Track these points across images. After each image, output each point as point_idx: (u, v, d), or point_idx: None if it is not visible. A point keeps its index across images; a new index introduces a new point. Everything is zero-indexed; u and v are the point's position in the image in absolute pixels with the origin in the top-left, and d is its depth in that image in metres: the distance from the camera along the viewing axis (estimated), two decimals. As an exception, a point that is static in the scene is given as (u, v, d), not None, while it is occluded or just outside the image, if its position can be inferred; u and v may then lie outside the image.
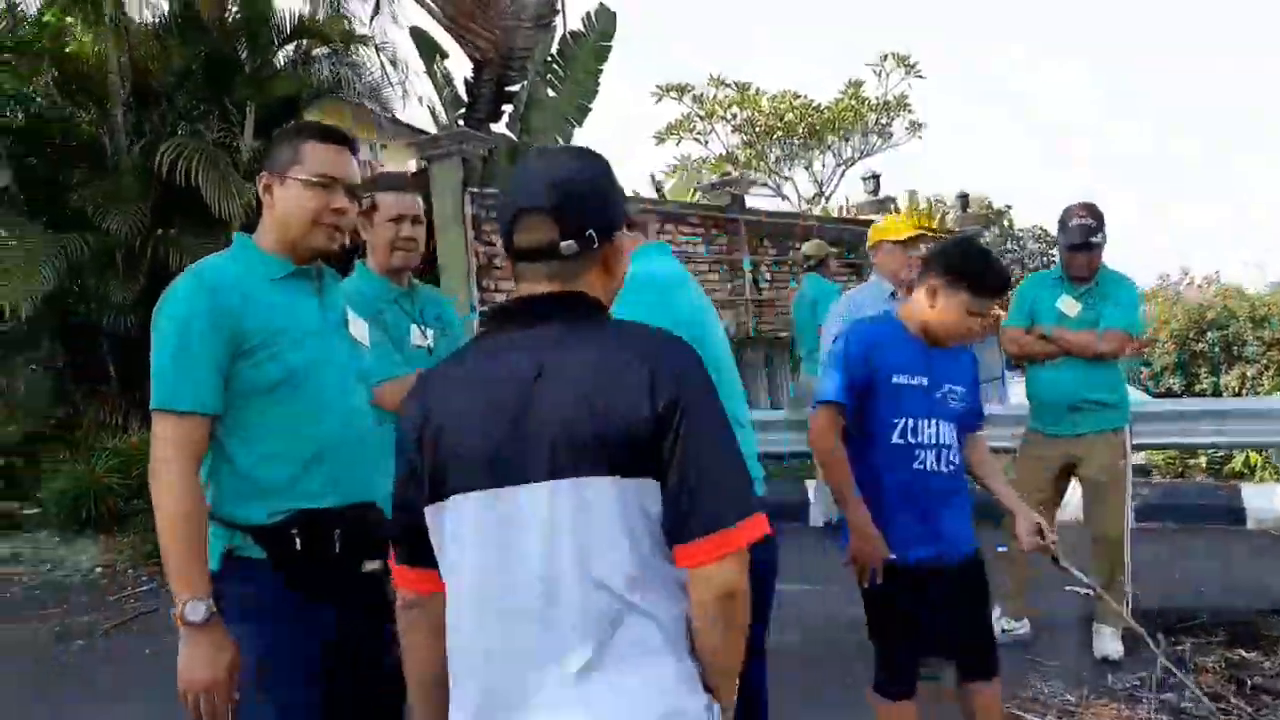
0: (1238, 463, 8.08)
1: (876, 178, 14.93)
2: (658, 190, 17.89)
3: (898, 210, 15.53)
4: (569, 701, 1.33)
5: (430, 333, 3.08)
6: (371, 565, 2.11)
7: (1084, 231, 4.02)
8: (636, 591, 1.34)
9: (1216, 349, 29.27)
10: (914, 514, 2.73)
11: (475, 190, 7.79)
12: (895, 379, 2.72)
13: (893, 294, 4.22)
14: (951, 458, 2.79)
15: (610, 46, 9.25)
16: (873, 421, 2.74)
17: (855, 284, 13.72)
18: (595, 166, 1.50)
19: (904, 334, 2.79)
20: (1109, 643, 4.14)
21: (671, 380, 1.34)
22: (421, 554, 1.47)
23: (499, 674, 1.37)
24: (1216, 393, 29.38)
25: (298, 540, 2.01)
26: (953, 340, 2.79)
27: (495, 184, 8.40)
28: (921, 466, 2.74)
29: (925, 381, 2.74)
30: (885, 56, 19.76)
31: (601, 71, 9.30)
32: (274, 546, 2.00)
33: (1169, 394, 29.23)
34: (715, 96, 20.11)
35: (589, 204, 1.45)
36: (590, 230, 1.43)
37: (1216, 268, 36.63)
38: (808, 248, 7.00)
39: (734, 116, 20.31)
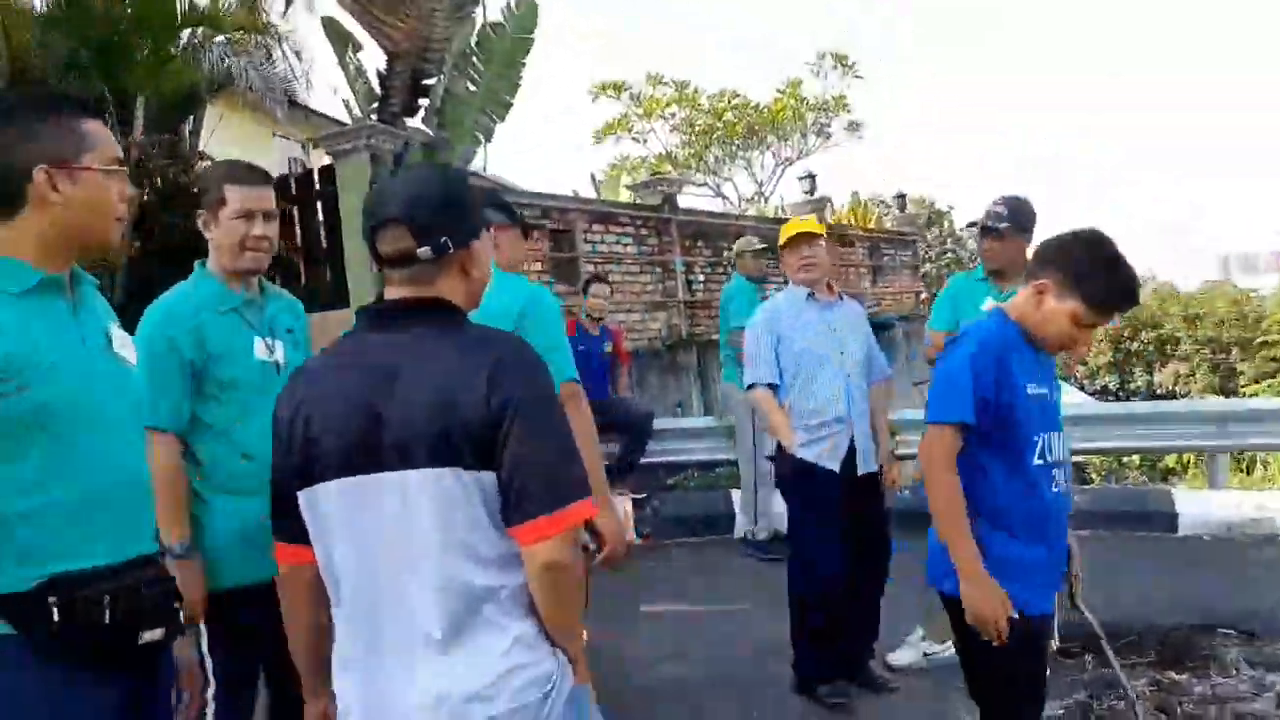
0: (1170, 460, 8.07)
1: (812, 177, 14.77)
2: (598, 190, 17.57)
3: (833, 209, 15.41)
4: (428, 662, 1.52)
5: (279, 345, 2.70)
6: (151, 635, 1.75)
7: (991, 217, 3.81)
8: (481, 567, 1.52)
9: (1151, 348, 29.87)
10: (1046, 549, 2.39)
11: (385, 188, 7.39)
12: (1030, 389, 2.32)
13: (810, 295, 3.93)
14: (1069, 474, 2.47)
15: (532, 39, 8.89)
16: (1008, 440, 2.33)
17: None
18: (449, 181, 1.68)
19: (1021, 336, 2.38)
20: (1035, 666, 3.89)
21: (507, 382, 1.51)
22: (296, 531, 1.64)
23: (369, 641, 1.56)
24: (1151, 390, 29.99)
25: (56, 610, 1.62)
26: (1052, 351, 2.42)
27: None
28: (1058, 489, 2.39)
29: (1047, 390, 2.38)
30: (823, 55, 19.67)
31: (524, 65, 8.93)
32: (24, 619, 1.62)
33: (1104, 391, 29.72)
34: (653, 95, 19.83)
35: (442, 214, 1.60)
36: (445, 238, 1.59)
37: (1150, 266, 37.27)
38: (737, 244, 6.79)
39: (672, 115, 20.06)
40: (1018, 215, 3.81)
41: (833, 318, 3.92)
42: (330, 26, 8.75)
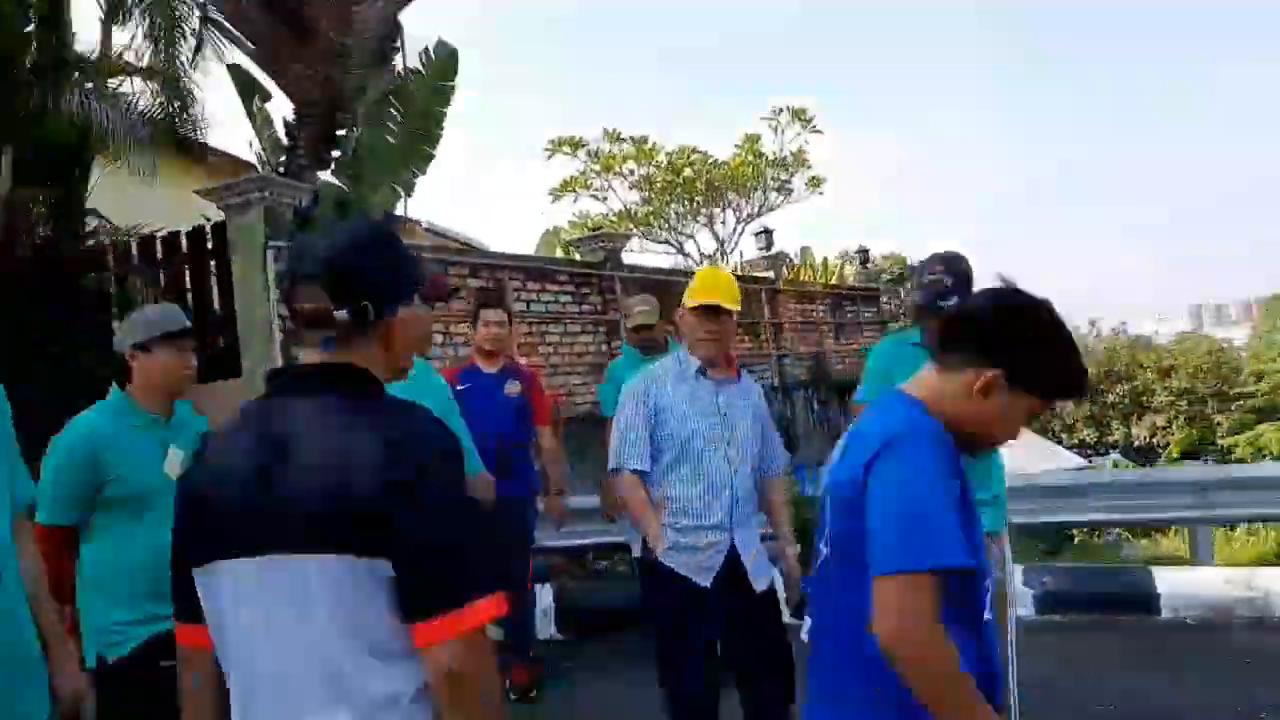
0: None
1: (768, 232, 14.32)
2: (565, 250, 17.02)
3: (791, 264, 14.92)
4: None
5: None
6: None
7: (933, 293, 3.06)
8: (383, 666, 1.37)
9: (1126, 400, 29.58)
10: None
11: (281, 245, 6.71)
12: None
13: (701, 369, 3.23)
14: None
15: (453, 87, 8.33)
16: (968, 589, 1.68)
17: (745, 344, 13.02)
18: (375, 240, 1.55)
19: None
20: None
21: (406, 459, 1.37)
22: (193, 611, 1.50)
23: None
24: (1129, 443, 29.50)
25: None
26: (983, 451, 1.84)
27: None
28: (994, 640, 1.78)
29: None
30: (780, 110, 19.30)
31: (445, 115, 8.36)
32: None
33: (1082, 445, 29.22)
34: (610, 152, 19.37)
35: (364, 276, 1.49)
36: (365, 302, 1.47)
37: (1123, 319, 37.16)
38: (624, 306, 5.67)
39: (631, 173, 19.59)
40: (965, 285, 3.05)
41: (725, 400, 3.23)
42: (236, 74, 8.18)
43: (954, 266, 3.11)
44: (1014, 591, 3.28)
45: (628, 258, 11.85)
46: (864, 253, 17.92)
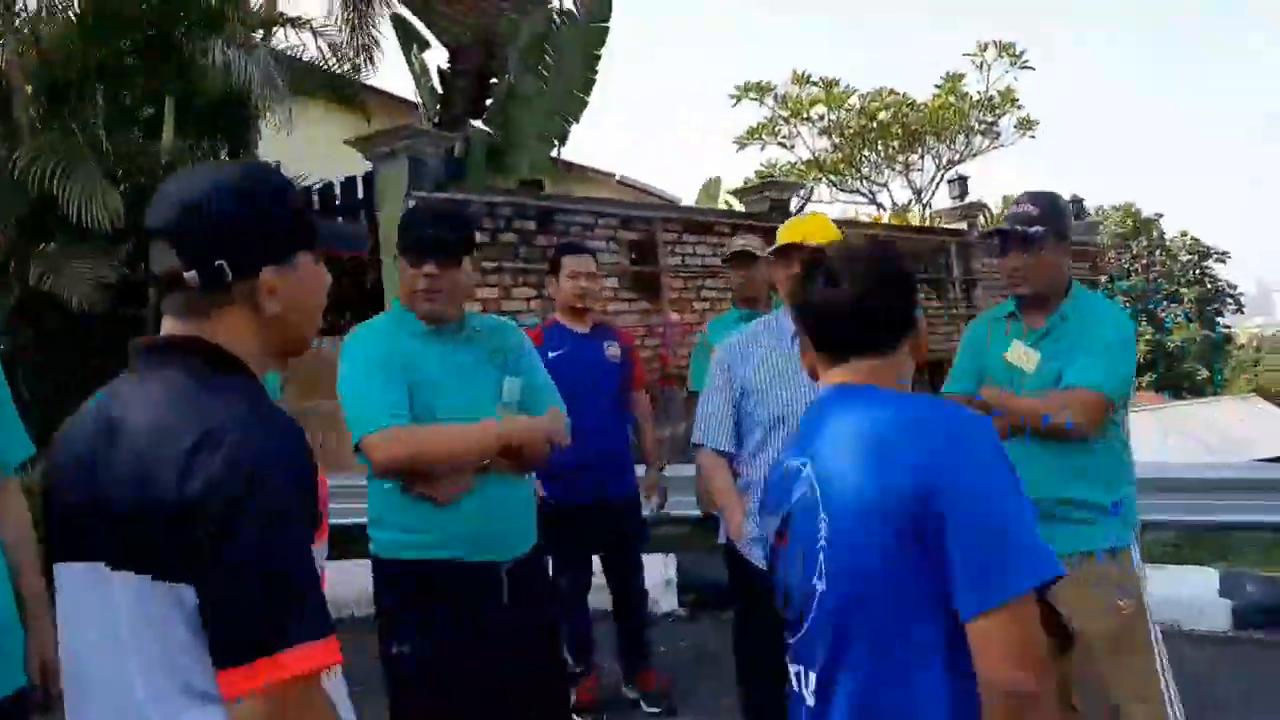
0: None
1: (963, 180, 13.19)
2: (743, 201, 16.55)
3: (989, 216, 13.69)
4: None
5: None
6: None
7: (1019, 219, 2.65)
8: (180, 710, 1.15)
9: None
10: None
11: (423, 195, 6.68)
12: None
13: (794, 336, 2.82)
14: None
15: (607, 28, 7.99)
16: None
17: (933, 303, 12.08)
18: (241, 187, 1.29)
19: None
20: None
21: (216, 461, 1.12)
22: None
23: None
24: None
25: None
26: None
27: (469, 188, 7.31)
28: None
29: None
30: (985, 46, 17.68)
31: (599, 58, 8.05)
32: None
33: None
34: (798, 96, 18.46)
35: (221, 230, 1.24)
36: (220, 261, 1.23)
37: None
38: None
39: (820, 118, 18.62)
40: (1056, 216, 2.67)
41: None
42: (398, 24, 8.22)
43: (1040, 198, 2.75)
44: (1151, 605, 2.67)
45: (817, 208, 11.20)
46: (1078, 203, 16.27)
